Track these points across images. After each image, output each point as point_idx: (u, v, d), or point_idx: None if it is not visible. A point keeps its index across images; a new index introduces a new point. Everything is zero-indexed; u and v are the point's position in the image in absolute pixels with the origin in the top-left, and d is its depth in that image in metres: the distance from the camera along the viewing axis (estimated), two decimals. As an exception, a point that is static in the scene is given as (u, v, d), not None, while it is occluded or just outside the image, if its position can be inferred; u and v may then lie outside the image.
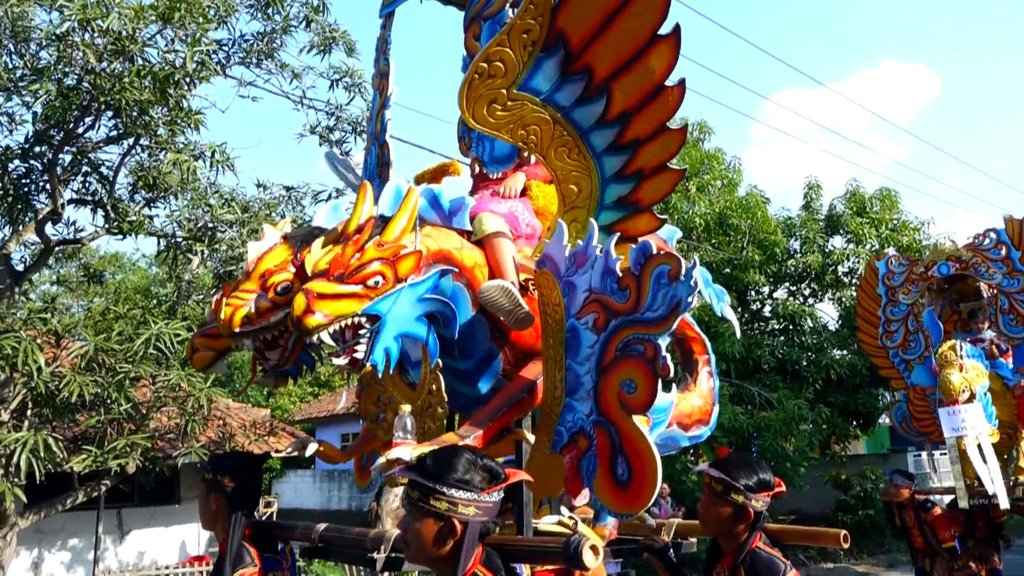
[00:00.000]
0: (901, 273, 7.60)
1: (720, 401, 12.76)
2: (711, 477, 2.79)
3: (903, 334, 7.67)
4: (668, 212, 14.04)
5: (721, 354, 12.89)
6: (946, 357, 6.05)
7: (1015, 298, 7.01)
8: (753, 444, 12.90)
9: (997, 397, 6.50)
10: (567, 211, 2.90)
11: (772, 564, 2.66)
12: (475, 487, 1.95)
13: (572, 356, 2.61)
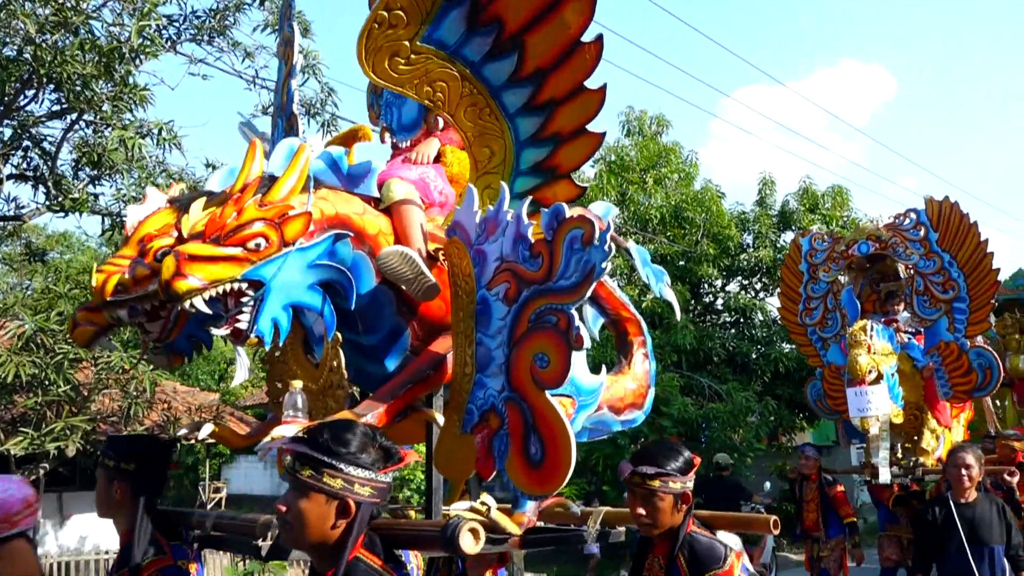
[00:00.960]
0: (823, 251, 7.40)
1: (671, 392, 12.66)
2: (644, 475, 2.56)
3: (822, 312, 7.52)
4: (624, 203, 13.89)
5: (673, 346, 12.80)
6: (856, 337, 5.92)
7: (930, 279, 6.85)
8: (702, 434, 12.83)
9: (905, 378, 6.40)
10: (480, 176, 2.65)
11: (713, 547, 2.47)
12: (371, 466, 1.72)
13: (483, 329, 2.37)
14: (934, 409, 6.46)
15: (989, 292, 6.55)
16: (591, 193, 13.43)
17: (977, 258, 6.61)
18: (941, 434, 6.53)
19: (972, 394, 6.63)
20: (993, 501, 4.66)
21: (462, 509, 2.61)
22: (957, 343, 6.57)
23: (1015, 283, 9.78)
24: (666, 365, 12.75)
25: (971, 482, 4.58)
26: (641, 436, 12.39)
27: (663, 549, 2.61)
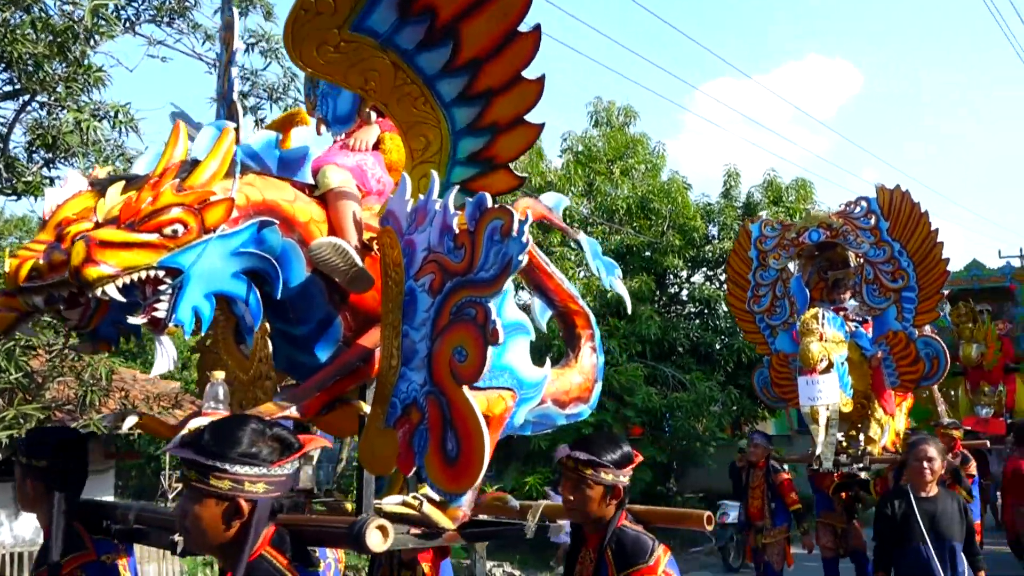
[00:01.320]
0: (773, 237, 7.33)
1: (635, 382, 12.70)
2: (577, 460, 2.55)
3: (770, 299, 7.45)
4: (591, 194, 13.88)
5: (638, 336, 12.85)
6: (808, 325, 5.90)
7: (880, 268, 6.81)
8: (666, 424, 12.92)
9: (854, 367, 6.41)
10: (416, 165, 2.60)
11: (640, 541, 2.46)
12: (263, 460, 1.67)
13: (409, 321, 2.33)
14: (881, 398, 6.47)
15: (938, 282, 6.55)
16: (558, 183, 13.41)
17: (927, 247, 6.59)
18: (887, 423, 6.56)
19: (919, 383, 6.66)
20: (954, 497, 4.48)
21: (394, 503, 2.59)
22: (905, 332, 6.57)
23: (969, 274, 9.96)
24: (631, 355, 12.83)
25: (932, 476, 4.38)
26: (605, 426, 12.44)
27: (594, 542, 2.61)
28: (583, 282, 13.11)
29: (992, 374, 9.09)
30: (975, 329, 9.02)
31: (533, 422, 3.14)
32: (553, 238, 13.01)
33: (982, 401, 8.90)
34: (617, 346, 12.64)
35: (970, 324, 9.06)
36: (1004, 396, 8.98)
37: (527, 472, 12.21)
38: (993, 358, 8.97)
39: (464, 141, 2.55)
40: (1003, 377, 9.13)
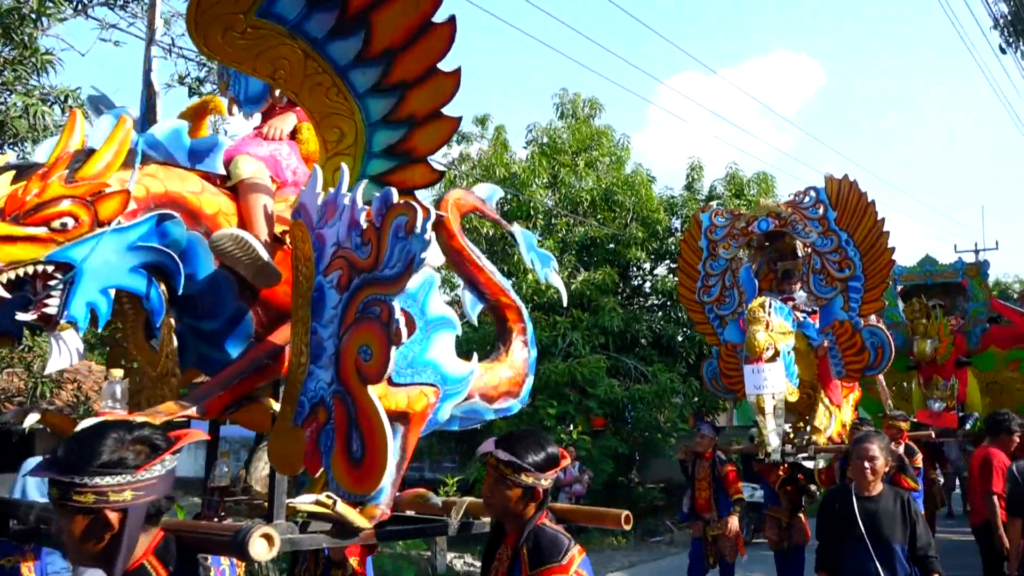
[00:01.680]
0: (723, 227, 7.22)
1: (598, 374, 12.64)
2: (498, 460, 2.50)
3: (720, 289, 7.31)
4: (556, 186, 13.84)
5: (601, 328, 12.84)
6: (754, 314, 5.80)
7: (827, 258, 6.69)
8: (628, 415, 12.96)
9: (800, 356, 6.32)
10: (330, 157, 2.52)
11: (556, 540, 2.42)
12: (128, 467, 1.61)
13: (317, 318, 2.27)
14: (827, 388, 6.45)
15: (884, 271, 6.52)
16: (523, 175, 13.35)
17: (873, 237, 6.54)
18: (833, 413, 6.54)
19: (865, 373, 6.63)
20: (898, 495, 4.19)
21: (307, 503, 2.52)
22: (851, 322, 6.53)
23: (922, 269, 10.05)
24: (594, 347, 12.81)
25: (875, 475, 4.10)
26: (568, 418, 12.44)
27: (512, 539, 2.57)
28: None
29: (944, 368, 9.14)
30: (928, 324, 9.06)
31: (461, 417, 3.10)
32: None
33: (935, 395, 8.96)
34: (580, 338, 12.64)
35: (923, 319, 9.09)
36: (956, 390, 9.04)
37: None
38: (946, 352, 9.05)
39: (380, 133, 2.48)
40: (955, 371, 9.17)
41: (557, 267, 3.60)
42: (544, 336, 12.45)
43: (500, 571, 2.58)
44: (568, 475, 11.36)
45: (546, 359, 12.35)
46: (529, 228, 13.82)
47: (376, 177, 2.52)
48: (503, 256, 13.06)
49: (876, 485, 4.15)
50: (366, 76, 2.40)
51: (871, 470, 4.12)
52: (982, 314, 9.70)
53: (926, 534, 4.10)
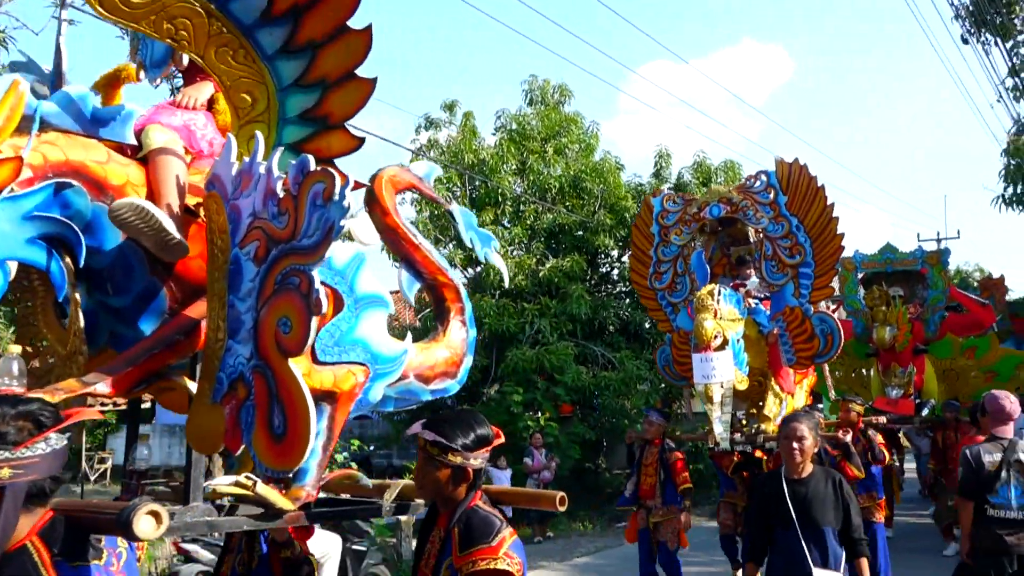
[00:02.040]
0: (675, 212, 7.05)
1: (566, 361, 12.54)
2: (426, 440, 2.41)
3: (671, 275, 7.11)
4: (524, 172, 13.73)
5: (568, 315, 12.79)
6: (702, 302, 5.70)
7: (778, 243, 6.53)
8: (595, 401, 12.94)
9: (751, 344, 6.20)
10: (243, 125, 2.40)
11: (487, 522, 2.33)
12: (7, 443, 1.52)
13: (235, 291, 2.15)
14: (777, 375, 6.35)
15: (833, 257, 6.41)
16: (491, 161, 13.23)
17: (823, 222, 6.42)
18: (784, 400, 6.44)
19: (814, 360, 6.53)
20: (830, 476, 4.00)
21: (226, 483, 2.42)
22: (802, 308, 6.43)
23: (883, 257, 10.08)
24: (561, 334, 12.78)
25: (803, 456, 3.93)
26: (536, 404, 12.41)
27: (444, 520, 2.48)
28: (523, 260, 12.99)
29: (902, 356, 9.14)
30: (887, 312, 9.04)
31: (395, 398, 3.00)
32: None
33: (892, 382, 8.98)
34: (548, 325, 12.60)
35: (883, 307, 9.07)
36: (913, 377, 9.10)
37: None
38: (904, 340, 9.05)
39: (293, 98, 2.36)
40: (912, 359, 9.18)
41: (498, 247, 3.50)
42: (512, 323, 12.42)
43: (432, 553, 2.50)
44: (536, 462, 11.30)
45: (514, 346, 12.35)
46: (498, 215, 13.74)
47: (293, 145, 2.40)
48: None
49: (806, 466, 3.98)
50: (273, 36, 2.27)
51: (799, 451, 3.94)
52: (941, 302, 9.74)
53: (857, 516, 3.95)
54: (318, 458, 2.53)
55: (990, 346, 9.43)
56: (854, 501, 3.97)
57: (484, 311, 12.33)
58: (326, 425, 2.55)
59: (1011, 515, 4.68)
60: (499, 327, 12.33)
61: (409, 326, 8.28)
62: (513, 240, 13.38)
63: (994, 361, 9.37)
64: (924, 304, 9.77)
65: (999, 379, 9.12)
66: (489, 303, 12.55)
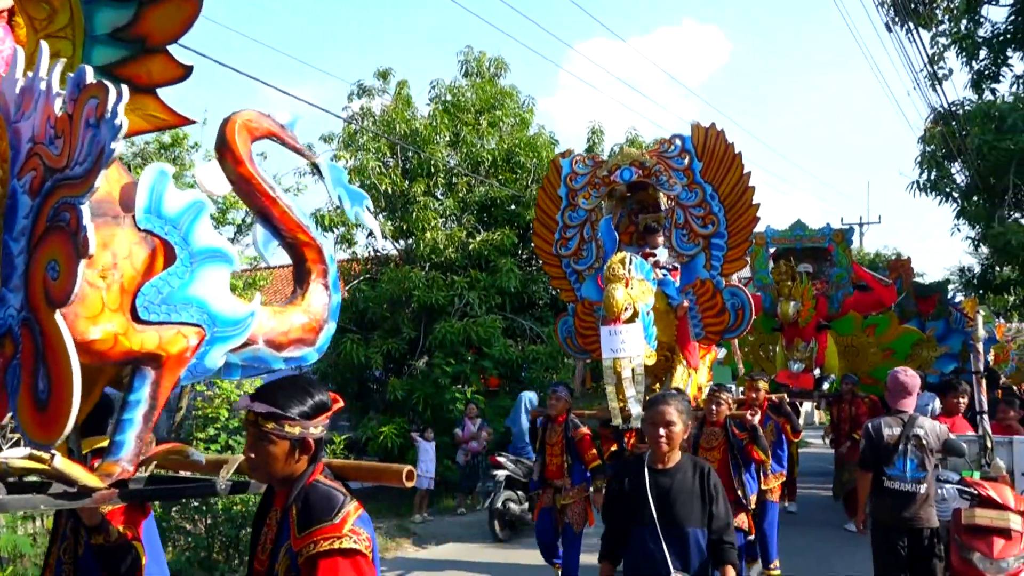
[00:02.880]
0: (584, 175, 6.54)
1: (493, 334, 12.30)
2: (257, 414, 2.09)
3: (577, 242, 6.64)
4: (458, 145, 13.36)
5: (498, 288, 12.52)
6: (613, 271, 5.27)
7: (691, 212, 6.15)
8: (522, 375, 12.74)
9: (660, 317, 5.86)
10: (42, 39, 2.02)
11: (329, 497, 2.03)
12: None
13: (8, 230, 1.79)
14: (685, 350, 6.05)
15: (747, 228, 6.06)
16: (425, 132, 12.79)
17: (738, 192, 6.05)
18: (690, 376, 6.16)
19: (724, 335, 6.25)
20: (697, 467, 3.36)
21: (18, 456, 2.06)
22: (713, 281, 6.13)
23: (793, 233, 10.07)
24: (490, 307, 12.49)
25: (671, 444, 3.32)
26: (463, 377, 12.14)
27: (282, 500, 2.18)
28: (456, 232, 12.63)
29: (806, 331, 9.18)
30: (792, 287, 9.07)
31: (242, 365, 2.67)
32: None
33: (795, 356, 9.04)
34: (477, 298, 12.29)
35: (789, 282, 9.10)
36: (815, 352, 9.18)
37: (384, 421, 11.75)
38: (807, 315, 9.07)
39: (102, 12, 1.99)
40: (815, 334, 9.25)
41: (372, 207, 3.18)
42: (441, 296, 12.11)
43: (268, 539, 2.19)
44: (465, 431, 11.04)
45: (442, 318, 12.03)
46: (430, 186, 13.25)
47: (105, 68, 2.03)
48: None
49: (673, 455, 3.35)
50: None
51: (667, 438, 3.31)
52: (844, 279, 9.72)
53: (726, 515, 3.35)
54: (136, 429, 2.20)
55: (889, 324, 9.47)
56: (723, 498, 3.36)
57: (413, 283, 12.01)
58: (148, 392, 2.22)
59: (904, 487, 4.72)
60: (428, 299, 12.01)
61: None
62: (445, 212, 12.98)
63: (892, 339, 9.41)
64: (829, 281, 9.78)
65: (896, 356, 9.21)
66: (418, 275, 12.19)
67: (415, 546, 9.06)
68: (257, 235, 2.83)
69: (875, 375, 9.49)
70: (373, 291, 12.54)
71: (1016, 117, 9.75)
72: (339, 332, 12.56)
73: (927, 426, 4.84)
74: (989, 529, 4.40)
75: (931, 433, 4.80)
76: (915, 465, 4.76)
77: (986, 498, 4.50)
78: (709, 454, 5.46)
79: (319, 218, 12.49)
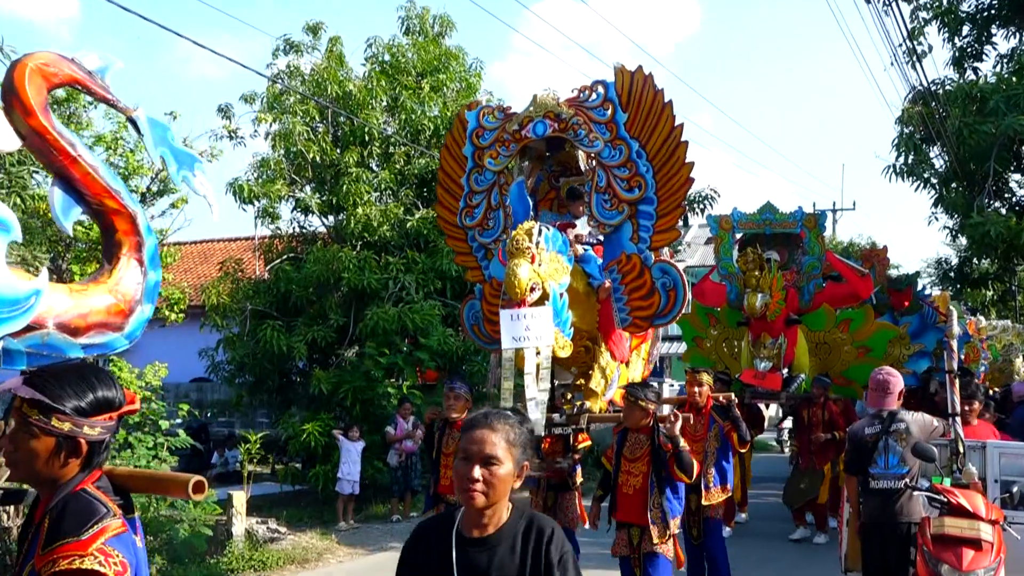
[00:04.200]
0: (493, 130, 5.97)
1: (432, 322, 12.11)
2: (22, 399, 1.92)
3: (484, 210, 6.02)
4: (396, 111, 13.10)
5: (437, 271, 12.31)
6: (517, 244, 4.79)
7: (614, 173, 5.54)
8: (462, 368, 12.58)
9: (578, 300, 5.36)
10: None
11: (87, 509, 1.86)
12: None
13: None
14: (609, 339, 5.60)
15: (680, 193, 5.51)
16: (359, 95, 12.45)
17: (670, 147, 5.48)
18: (616, 371, 5.72)
19: (653, 321, 5.69)
20: (532, 528, 2.20)
21: None
22: (640, 256, 5.59)
23: (761, 217, 9.91)
24: (428, 292, 12.27)
25: (493, 495, 2.17)
26: (395, 369, 11.89)
27: (42, 509, 2.01)
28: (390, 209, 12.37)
29: (774, 326, 8.96)
30: (761, 277, 8.78)
31: (28, 352, 2.50)
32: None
33: (762, 354, 8.77)
34: (414, 281, 12.03)
35: (756, 272, 8.78)
36: (784, 349, 8.95)
37: (308, 418, 11.52)
38: (776, 309, 8.84)
39: None
40: (785, 330, 9.04)
41: (204, 170, 2.99)
42: (374, 278, 11.85)
43: (23, 554, 2.03)
44: (399, 430, 10.88)
45: (375, 304, 11.79)
46: (364, 156, 12.79)
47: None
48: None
49: (496, 514, 2.22)
50: None
51: (485, 484, 2.16)
52: (816, 269, 9.59)
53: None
54: None
55: (865, 319, 9.37)
56: (572, 570, 2.19)
57: (343, 264, 11.72)
58: (-102, 379, 2.04)
59: (887, 484, 4.87)
60: (359, 282, 11.74)
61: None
62: (380, 185, 12.60)
63: (868, 335, 9.32)
64: (800, 271, 9.63)
65: (872, 355, 9.14)
66: (349, 255, 11.86)
67: (339, 557, 8.85)
68: (55, 200, 2.64)
69: (849, 375, 9.38)
70: (298, 272, 12.28)
71: (999, 99, 9.77)
72: (259, 318, 12.47)
73: (909, 419, 4.97)
74: (959, 539, 4.42)
75: (914, 425, 4.94)
76: (896, 460, 4.88)
77: (956, 506, 4.50)
78: (633, 466, 4.96)
79: (238, 188, 12.30)
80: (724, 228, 9.96)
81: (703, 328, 10.19)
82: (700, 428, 6.12)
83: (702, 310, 10.12)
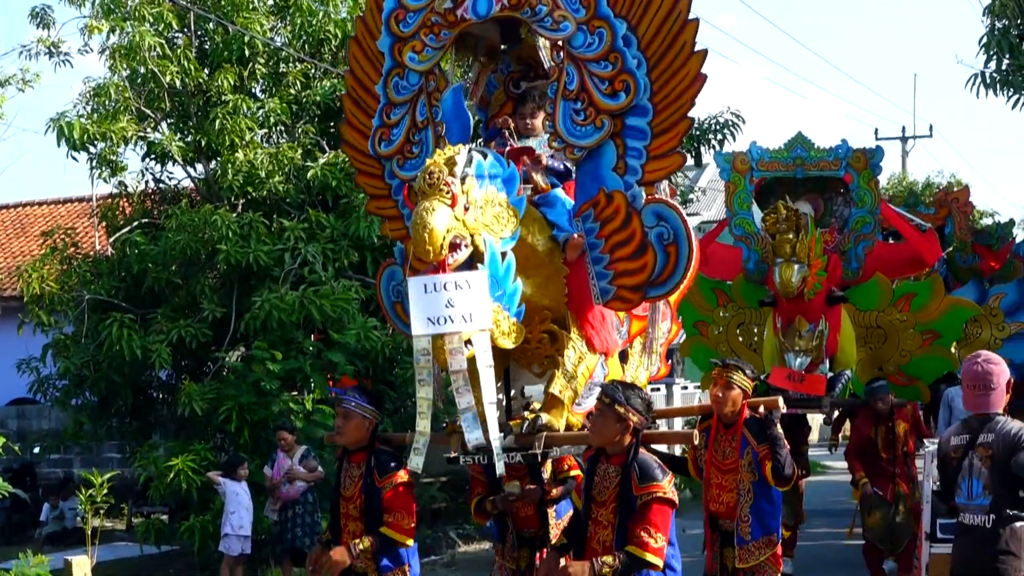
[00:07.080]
0: (418, 11, 5.38)
1: (346, 310, 11.72)
2: None
3: (406, 129, 5.50)
4: (287, 14, 12.95)
5: (354, 239, 12.10)
6: (431, 177, 4.44)
7: (591, 70, 4.98)
8: (393, 372, 12.26)
9: (535, 262, 4.92)
10: None
11: None
12: None
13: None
14: (582, 320, 5.07)
15: (686, 97, 4.83)
16: None
17: (671, 31, 4.80)
18: (598, 367, 5.23)
19: (647, 290, 4.99)
20: None
21: None
22: (626, 195, 4.92)
23: (791, 155, 9.65)
24: (341, 268, 12.03)
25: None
26: (300, 377, 11.63)
27: None
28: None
29: (812, 306, 8.40)
30: (798, 243, 8.22)
31: None
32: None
33: (797, 345, 8.34)
34: (320, 254, 11.75)
35: (790, 234, 8.24)
36: (825, 337, 8.46)
37: (176, 450, 11.27)
38: (816, 283, 8.30)
39: None
40: (826, 310, 8.56)
41: None
42: (263, 251, 11.54)
43: None
44: (276, 471, 10.45)
45: (266, 286, 11.50)
46: (243, 78, 12.58)
47: None
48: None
49: None
50: None
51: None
52: (868, 227, 9.33)
53: None
54: None
55: (932, 294, 9.17)
56: None
57: (219, 232, 11.37)
58: None
59: (971, 518, 4.85)
60: (242, 257, 11.42)
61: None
62: (268, 119, 12.32)
63: (936, 316, 9.11)
64: (846, 229, 9.43)
65: (940, 342, 9.12)
66: (227, 219, 11.49)
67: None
68: None
69: (910, 371, 9.36)
70: (155, 245, 11.94)
71: None
72: (101, 312, 12.19)
73: (998, 429, 4.83)
74: None
75: (1001, 440, 4.78)
76: (981, 486, 4.84)
77: None
78: (601, 512, 4.75)
79: (64, 127, 11.92)
80: (739, 170, 9.79)
81: (707, 309, 10.07)
82: (731, 453, 5.99)
83: (707, 284, 9.87)
